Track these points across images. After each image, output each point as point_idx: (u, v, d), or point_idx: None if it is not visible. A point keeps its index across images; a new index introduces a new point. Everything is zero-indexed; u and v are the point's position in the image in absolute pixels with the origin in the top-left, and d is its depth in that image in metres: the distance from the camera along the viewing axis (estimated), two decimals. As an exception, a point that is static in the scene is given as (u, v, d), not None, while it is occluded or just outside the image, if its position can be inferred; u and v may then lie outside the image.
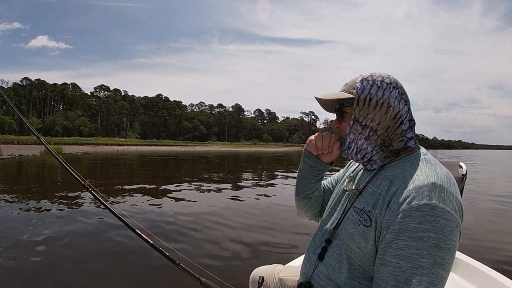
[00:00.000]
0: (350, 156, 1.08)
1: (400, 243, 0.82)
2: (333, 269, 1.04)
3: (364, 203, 0.98)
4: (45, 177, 11.68)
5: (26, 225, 4.65)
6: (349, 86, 1.05)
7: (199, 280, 1.72)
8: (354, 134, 1.03)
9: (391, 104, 0.97)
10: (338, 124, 1.10)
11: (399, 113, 0.98)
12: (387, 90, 0.98)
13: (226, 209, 6.31)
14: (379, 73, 1.02)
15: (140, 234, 1.87)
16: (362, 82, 1.00)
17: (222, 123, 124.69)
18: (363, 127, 1.00)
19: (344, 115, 1.06)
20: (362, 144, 1.03)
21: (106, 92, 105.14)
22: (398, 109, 0.98)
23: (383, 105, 0.97)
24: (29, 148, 32.97)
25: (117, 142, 65.62)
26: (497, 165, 27.16)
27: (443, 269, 0.80)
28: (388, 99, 0.97)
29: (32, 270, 3.10)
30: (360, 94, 0.99)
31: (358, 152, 1.05)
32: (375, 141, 1.01)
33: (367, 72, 1.04)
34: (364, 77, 1.01)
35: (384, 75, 1.01)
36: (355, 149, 1.05)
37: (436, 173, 0.89)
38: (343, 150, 1.09)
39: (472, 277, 1.68)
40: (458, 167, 1.63)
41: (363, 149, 1.03)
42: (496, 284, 1.54)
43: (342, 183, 1.22)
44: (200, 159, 27.23)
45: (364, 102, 0.99)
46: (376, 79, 1.00)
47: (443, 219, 0.80)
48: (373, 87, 0.98)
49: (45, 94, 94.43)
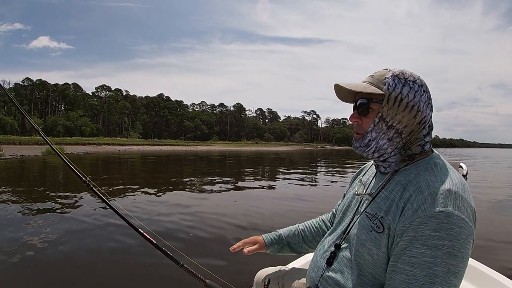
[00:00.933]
0: (365, 153, 1.02)
1: (414, 250, 0.81)
2: (342, 275, 1.01)
3: (377, 208, 0.95)
4: (47, 177, 11.71)
5: (28, 224, 4.66)
6: (377, 80, 0.98)
7: (204, 281, 1.68)
8: (377, 132, 0.97)
9: (420, 108, 0.94)
10: (357, 118, 1.02)
11: (425, 118, 0.95)
12: (418, 93, 0.94)
13: (229, 208, 6.32)
14: (409, 71, 0.97)
15: (142, 233, 1.84)
16: (394, 79, 0.95)
17: (224, 123, 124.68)
18: (389, 127, 0.96)
19: (369, 111, 0.99)
20: (383, 144, 0.98)
21: (108, 92, 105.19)
22: (425, 114, 0.95)
23: (413, 108, 0.93)
24: (31, 148, 33.02)
25: (119, 142, 65.62)
26: (497, 163, 27.13)
27: (456, 277, 0.78)
28: (419, 102, 0.93)
29: (35, 269, 3.12)
30: (392, 92, 0.94)
31: (376, 151, 1.00)
32: (397, 144, 0.97)
33: (396, 67, 0.99)
34: (395, 73, 0.96)
35: (416, 76, 0.96)
36: (374, 148, 0.99)
37: (451, 179, 0.86)
38: (360, 147, 1.02)
39: (483, 283, 1.65)
40: (459, 167, 1.61)
41: (382, 149, 0.99)
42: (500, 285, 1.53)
43: (353, 188, 1.19)
44: (202, 158, 27.29)
45: (394, 101, 0.94)
46: (408, 79, 0.95)
47: (458, 226, 0.79)
48: (405, 86, 0.94)
49: (46, 95, 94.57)
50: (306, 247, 1.39)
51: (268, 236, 1.40)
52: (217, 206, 6.41)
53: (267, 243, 1.38)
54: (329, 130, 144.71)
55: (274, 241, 1.39)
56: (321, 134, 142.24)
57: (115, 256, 3.57)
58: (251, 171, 15.58)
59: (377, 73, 0.99)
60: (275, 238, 1.40)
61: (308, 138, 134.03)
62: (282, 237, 1.40)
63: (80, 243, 3.98)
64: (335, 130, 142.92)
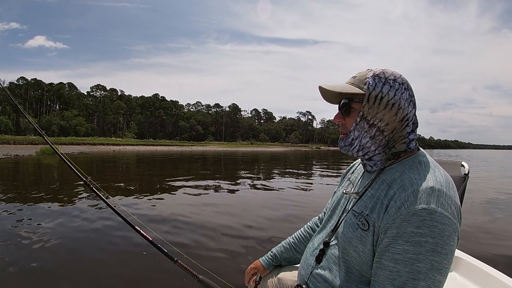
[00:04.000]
0: (350, 152, 1.05)
1: (398, 247, 0.82)
2: (330, 272, 1.03)
3: (363, 207, 0.97)
4: (42, 177, 11.70)
5: (24, 223, 4.69)
6: (358, 80, 0.99)
7: (197, 277, 1.75)
8: (359, 131, 0.99)
9: (401, 106, 0.95)
10: (341, 118, 1.04)
11: (407, 115, 0.96)
12: (399, 91, 0.95)
13: (224, 206, 6.40)
14: (390, 70, 0.98)
15: (138, 230, 1.91)
16: (374, 79, 0.96)
17: (219, 123, 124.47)
18: (370, 125, 0.97)
19: (350, 111, 1.01)
20: (366, 143, 1.00)
21: (103, 91, 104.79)
22: (407, 111, 0.96)
23: (393, 106, 0.94)
24: (25, 148, 32.92)
25: (114, 142, 65.35)
26: (489, 164, 27.27)
27: (440, 273, 0.79)
28: (399, 100, 0.95)
29: (31, 269, 3.12)
30: (372, 91, 0.95)
31: (360, 150, 1.02)
32: (379, 141, 0.98)
33: (377, 67, 1.00)
34: (375, 73, 0.97)
35: (396, 74, 0.97)
36: (357, 147, 1.01)
37: (435, 176, 0.88)
38: (345, 146, 1.05)
39: (473, 276, 1.66)
40: (460, 166, 1.61)
41: (366, 147, 1.00)
42: (497, 282, 1.53)
43: (342, 187, 1.21)
44: (197, 159, 27.22)
45: (375, 100, 0.95)
46: (388, 77, 0.96)
47: (441, 223, 0.79)
48: (385, 85, 0.95)
49: (41, 94, 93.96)
50: (301, 257, 1.39)
51: (265, 260, 1.46)
52: (212, 205, 6.48)
53: (266, 267, 1.44)
54: (324, 131, 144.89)
55: (272, 262, 1.44)
56: (316, 135, 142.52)
57: (110, 252, 3.61)
58: (246, 171, 15.61)
59: (359, 73, 1.01)
60: (271, 259, 1.45)
61: (304, 138, 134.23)
62: (277, 255, 1.44)
63: (75, 239, 4.02)
64: (330, 131, 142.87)
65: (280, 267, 1.45)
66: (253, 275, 1.47)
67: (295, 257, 1.42)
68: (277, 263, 1.45)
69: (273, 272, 1.44)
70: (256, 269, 1.46)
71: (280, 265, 1.45)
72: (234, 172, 15.04)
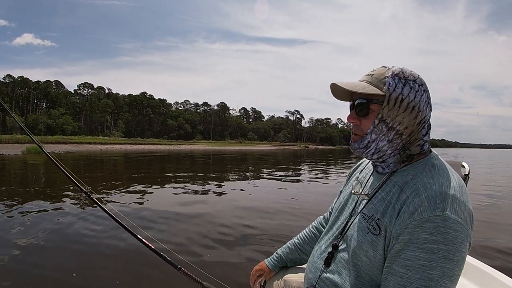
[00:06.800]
0: (364, 155, 1.00)
1: (410, 253, 0.80)
2: (339, 276, 1.00)
3: (373, 210, 0.94)
4: (28, 177, 11.65)
5: (17, 228, 4.62)
6: (376, 79, 0.93)
7: (201, 284, 1.76)
8: (376, 134, 0.94)
9: (421, 108, 0.91)
10: (356, 119, 0.98)
11: (424, 118, 0.93)
12: (418, 93, 0.91)
13: (224, 210, 6.31)
14: (409, 70, 0.93)
15: (141, 240, 1.91)
16: (394, 79, 0.91)
17: (207, 122, 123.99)
18: (389, 128, 0.92)
19: (368, 112, 0.95)
20: (383, 146, 0.95)
21: (90, 90, 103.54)
22: (425, 114, 0.93)
23: (414, 108, 0.90)
24: (10, 147, 32.56)
25: (101, 140, 64.49)
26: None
27: (451, 281, 0.78)
28: (419, 103, 0.91)
29: (28, 276, 3.08)
30: (392, 93, 0.90)
31: (376, 153, 0.97)
32: (397, 145, 0.94)
33: (395, 65, 0.95)
34: (395, 73, 0.92)
35: (415, 74, 0.93)
36: (373, 149, 0.96)
37: (449, 181, 0.85)
38: (359, 149, 0.99)
39: (482, 281, 1.61)
40: (461, 167, 1.57)
41: (382, 150, 0.96)
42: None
43: (349, 186, 1.17)
44: (185, 158, 27.19)
45: (395, 102, 0.90)
46: (408, 78, 0.91)
47: (454, 230, 0.78)
48: (406, 86, 0.90)
49: (28, 92, 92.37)
50: (307, 258, 1.32)
51: (270, 261, 1.44)
52: (212, 208, 6.42)
53: (271, 268, 1.43)
54: (312, 130, 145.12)
55: (277, 263, 1.43)
56: (304, 134, 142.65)
57: (112, 260, 3.53)
58: (240, 171, 15.68)
59: (376, 71, 0.95)
60: (277, 260, 1.43)
61: (292, 137, 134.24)
62: (282, 256, 1.43)
63: (73, 247, 3.90)
64: (319, 129, 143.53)
65: (286, 269, 1.43)
66: (258, 277, 1.46)
67: (300, 258, 1.40)
68: (283, 264, 1.43)
69: (278, 274, 1.42)
70: (262, 271, 1.46)
71: (286, 266, 1.44)
72: (226, 172, 14.96)
